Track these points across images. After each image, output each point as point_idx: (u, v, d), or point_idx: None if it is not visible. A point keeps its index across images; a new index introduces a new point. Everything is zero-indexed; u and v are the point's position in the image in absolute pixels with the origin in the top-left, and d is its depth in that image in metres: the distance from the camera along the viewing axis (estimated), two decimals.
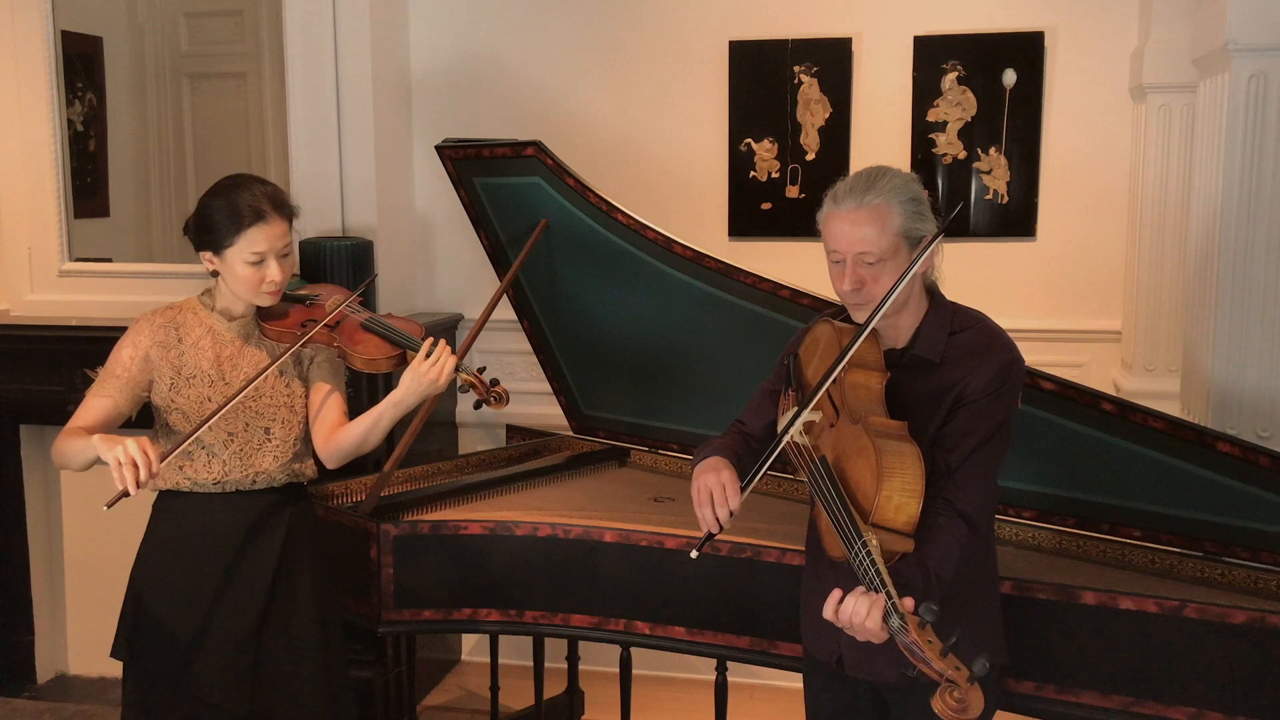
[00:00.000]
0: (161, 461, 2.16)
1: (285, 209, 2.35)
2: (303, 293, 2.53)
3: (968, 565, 2.01)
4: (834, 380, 2.01)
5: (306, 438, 2.47)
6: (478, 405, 2.47)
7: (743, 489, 2.00)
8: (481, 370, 2.49)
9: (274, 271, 2.32)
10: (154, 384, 2.37)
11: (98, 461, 2.17)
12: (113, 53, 4.65)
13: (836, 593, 1.81)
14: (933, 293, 2.12)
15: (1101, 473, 2.63)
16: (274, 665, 2.41)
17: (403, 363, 2.40)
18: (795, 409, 2.02)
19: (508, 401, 2.47)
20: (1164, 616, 2.24)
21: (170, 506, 2.41)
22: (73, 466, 2.25)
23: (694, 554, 2.02)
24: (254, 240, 2.28)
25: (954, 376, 2.02)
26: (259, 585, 2.39)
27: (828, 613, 1.81)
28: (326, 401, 2.45)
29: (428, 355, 2.34)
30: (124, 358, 2.36)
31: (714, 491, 2.00)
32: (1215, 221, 2.96)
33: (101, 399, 2.33)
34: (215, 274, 2.37)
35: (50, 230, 4.14)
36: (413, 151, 4.18)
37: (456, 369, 2.39)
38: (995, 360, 2.02)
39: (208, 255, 2.34)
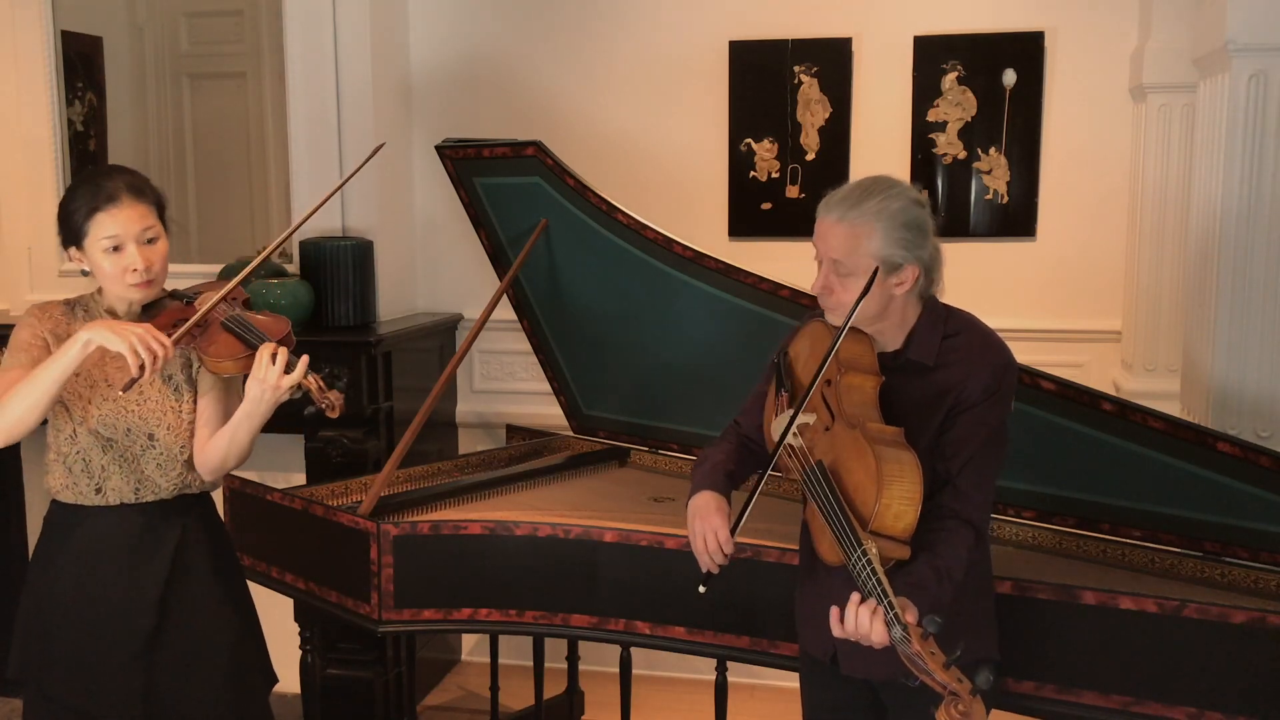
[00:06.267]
0: (174, 341, 2.14)
1: (145, 194, 2.24)
2: (185, 289, 2.41)
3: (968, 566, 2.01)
4: (827, 383, 2.02)
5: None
6: (309, 411, 2.33)
7: (732, 532, 2.06)
8: (323, 374, 2.35)
9: (133, 258, 2.20)
10: None
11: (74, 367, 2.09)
12: (113, 53, 4.65)
13: (836, 611, 1.82)
14: (925, 298, 2.11)
15: (1101, 473, 2.63)
16: (171, 686, 2.31)
17: (249, 367, 2.22)
18: (788, 413, 2.02)
19: (339, 410, 2.22)
20: (1164, 616, 2.24)
21: (59, 519, 2.32)
22: (35, 409, 2.11)
23: (701, 589, 2.06)
24: (104, 225, 2.19)
25: (949, 380, 2.03)
26: (147, 602, 2.28)
27: (836, 631, 1.82)
28: (202, 415, 2.34)
29: (268, 363, 2.18)
30: (25, 336, 2.26)
31: (707, 539, 2.07)
32: (1215, 221, 2.96)
33: (14, 371, 2.20)
34: (87, 273, 2.27)
35: (50, 230, 4.07)
36: (413, 151, 4.18)
37: (289, 370, 2.21)
38: (989, 363, 2.03)
39: (75, 253, 2.26)
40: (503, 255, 3.44)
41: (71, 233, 2.24)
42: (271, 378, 2.19)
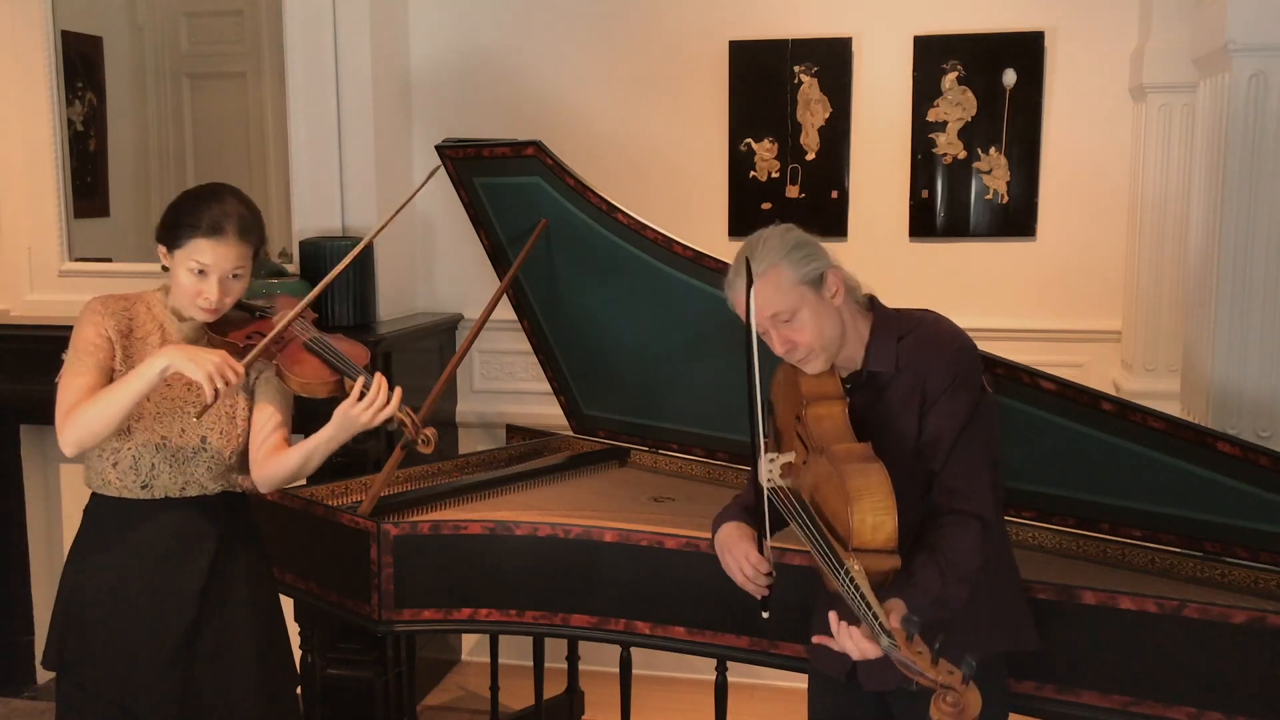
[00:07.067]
0: (245, 365, 2.18)
1: (250, 235, 2.26)
2: (257, 303, 2.46)
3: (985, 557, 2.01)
4: (796, 419, 2.09)
5: (245, 451, 2.36)
6: (404, 446, 2.36)
7: (762, 551, 2.09)
8: (417, 410, 2.37)
9: (212, 290, 2.22)
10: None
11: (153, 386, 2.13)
12: (113, 53, 4.65)
13: (835, 616, 1.84)
14: (872, 307, 2.15)
15: (1101, 473, 2.63)
16: (205, 681, 2.32)
17: (339, 390, 2.27)
18: (767, 456, 2.03)
19: (434, 445, 2.32)
20: (1164, 616, 2.24)
21: (99, 511, 2.32)
22: (110, 424, 2.14)
23: (765, 615, 2.11)
24: (200, 250, 2.20)
25: (913, 381, 2.06)
26: (187, 598, 2.30)
27: (839, 644, 1.84)
28: (268, 424, 2.34)
29: (361, 396, 2.23)
30: (90, 335, 2.26)
31: (744, 569, 2.11)
32: (1215, 221, 2.96)
33: (84, 377, 2.21)
34: (166, 269, 2.29)
35: (50, 230, 4.14)
36: (413, 151, 4.18)
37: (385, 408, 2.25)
38: (943, 352, 2.05)
39: (162, 249, 2.27)
40: (503, 255, 3.44)
41: (169, 237, 2.26)
42: (368, 413, 2.22)
